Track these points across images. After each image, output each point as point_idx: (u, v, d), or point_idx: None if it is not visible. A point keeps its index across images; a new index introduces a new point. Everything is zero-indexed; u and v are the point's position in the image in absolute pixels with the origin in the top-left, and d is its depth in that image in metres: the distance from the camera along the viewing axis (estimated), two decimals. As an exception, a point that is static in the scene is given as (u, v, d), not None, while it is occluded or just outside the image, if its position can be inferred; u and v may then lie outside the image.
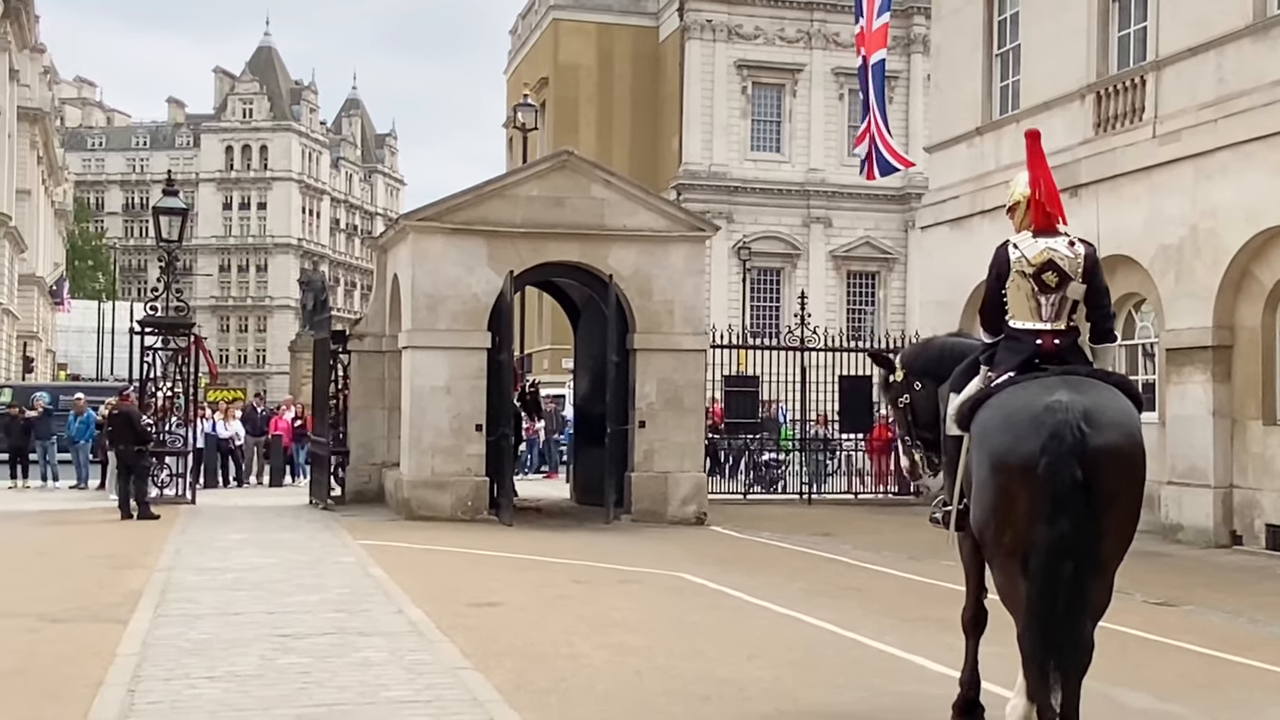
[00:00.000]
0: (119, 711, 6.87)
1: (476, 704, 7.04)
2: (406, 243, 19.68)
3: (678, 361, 19.25)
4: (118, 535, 16.48)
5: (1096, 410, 5.33)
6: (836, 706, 7.34)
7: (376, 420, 21.07)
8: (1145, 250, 17.64)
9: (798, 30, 48.36)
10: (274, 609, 10.50)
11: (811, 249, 48.08)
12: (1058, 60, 19.94)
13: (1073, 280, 5.88)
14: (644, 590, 12.22)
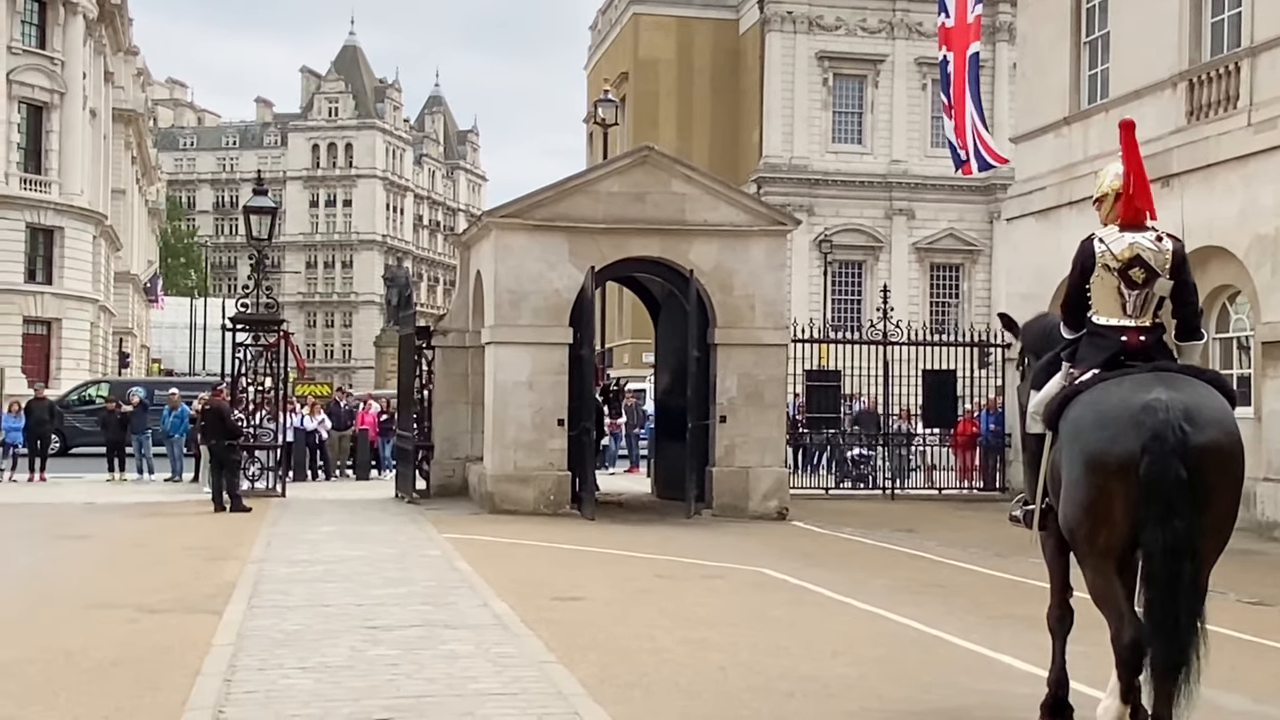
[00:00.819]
0: (216, 701, 7.00)
1: (561, 697, 7.08)
2: (489, 239, 19.82)
3: (758, 356, 19.21)
4: (211, 527, 16.76)
5: (1196, 408, 5.28)
6: (922, 704, 7.30)
7: (460, 415, 21.26)
8: (1240, 241, 17.30)
9: (880, 20, 47.94)
10: (362, 601, 10.61)
11: (894, 241, 47.64)
12: (1149, 47, 19.61)
13: (1160, 276, 5.80)
14: (726, 585, 12.21)
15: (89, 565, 13.23)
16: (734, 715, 6.92)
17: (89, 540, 15.30)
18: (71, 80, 51.81)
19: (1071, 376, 5.99)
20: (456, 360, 21.46)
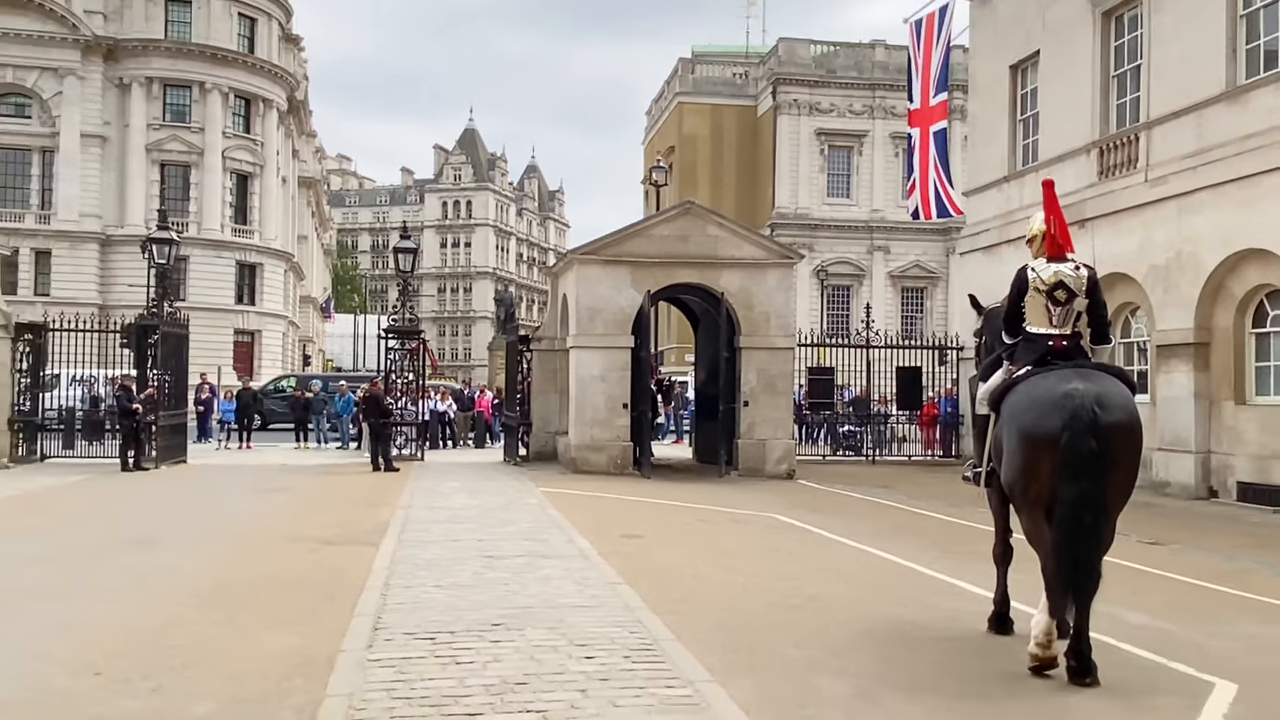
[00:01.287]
0: (376, 609, 7.17)
1: (628, 610, 7.19)
2: (572, 270, 19.93)
3: (772, 356, 19.17)
4: (370, 483, 17.00)
5: (1105, 395, 5.38)
6: (897, 616, 7.31)
7: (551, 400, 21.37)
8: (1138, 269, 17.11)
9: (863, 105, 47.85)
10: (481, 537, 10.77)
11: (874, 270, 47.58)
12: (1068, 123, 19.42)
13: (1078, 296, 5.89)
14: (748, 527, 12.24)
15: (283, 510, 13.53)
16: (755, 624, 6.97)
17: (283, 492, 15.62)
18: (268, 156, 52.68)
19: (1010, 372, 6.08)
20: (548, 360, 21.59)
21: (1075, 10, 19.21)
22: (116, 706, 5.05)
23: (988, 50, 22.74)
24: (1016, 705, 5.21)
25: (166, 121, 49.77)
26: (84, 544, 10.21)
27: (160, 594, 7.80)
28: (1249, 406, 15.60)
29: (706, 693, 5.22)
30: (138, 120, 49.05)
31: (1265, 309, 15.54)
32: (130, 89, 49.06)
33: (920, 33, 22.62)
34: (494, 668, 5.67)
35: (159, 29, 49.47)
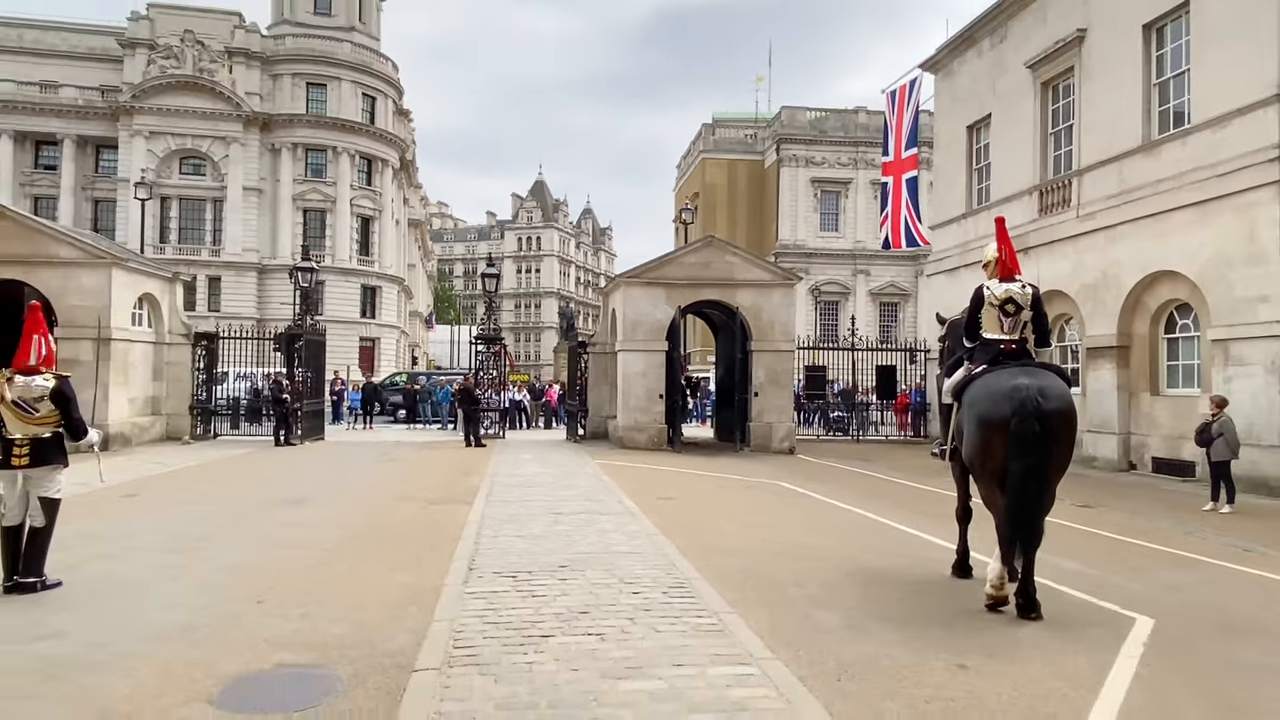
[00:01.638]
0: (470, 554, 7.24)
1: (664, 556, 7.20)
2: (619, 290, 19.91)
3: (777, 358, 19.02)
4: (463, 456, 17.15)
5: (1047, 388, 5.39)
6: (879, 562, 7.26)
7: (603, 392, 21.39)
8: (1072, 287, 16.77)
9: (849, 158, 47.38)
10: (550, 498, 10.77)
11: (857, 289, 47.04)
12: (1014, 171, 19.12)
13: (1024, 309, 5.89)
14: (759, 492, 12.16)
15: (397, 475, 13.62)
16: (766, 567, 6.97)
17: (397, 462, 15.75)
18: (385, 203, 53.24)
19: (970, 370, 6.08)
20: (600, 360, 21.60)
21: (1020, 81, 18.90)
22: (274, 627, 5.16)
23: (948, 114, 22.44)
24: (976, 634, 5.16)
25: (307, 177, 50.43)
26: (247, 502, 10.37)
27: (305, 541, 7.91)
28: (1161, 397, 15.27)
29: (728, 621, 5.24)
30: (285, 176, 49.80)
31: (1175, 319, 15.20)
32: (280, 152, 49.82)
33: (894, 100, 22.42)
34: (562, 600, 5.73)
35: (301, 106, 50.19)
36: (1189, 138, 14.26)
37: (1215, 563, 7.58)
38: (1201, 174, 13.82)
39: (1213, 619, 5.65)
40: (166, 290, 19.56)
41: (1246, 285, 13.00)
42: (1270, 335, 12.61)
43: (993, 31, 20.11)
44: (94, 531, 7.88)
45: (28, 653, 4.61)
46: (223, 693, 4.11)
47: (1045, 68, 18.05)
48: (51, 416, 5.91)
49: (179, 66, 47.92)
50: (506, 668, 4.40)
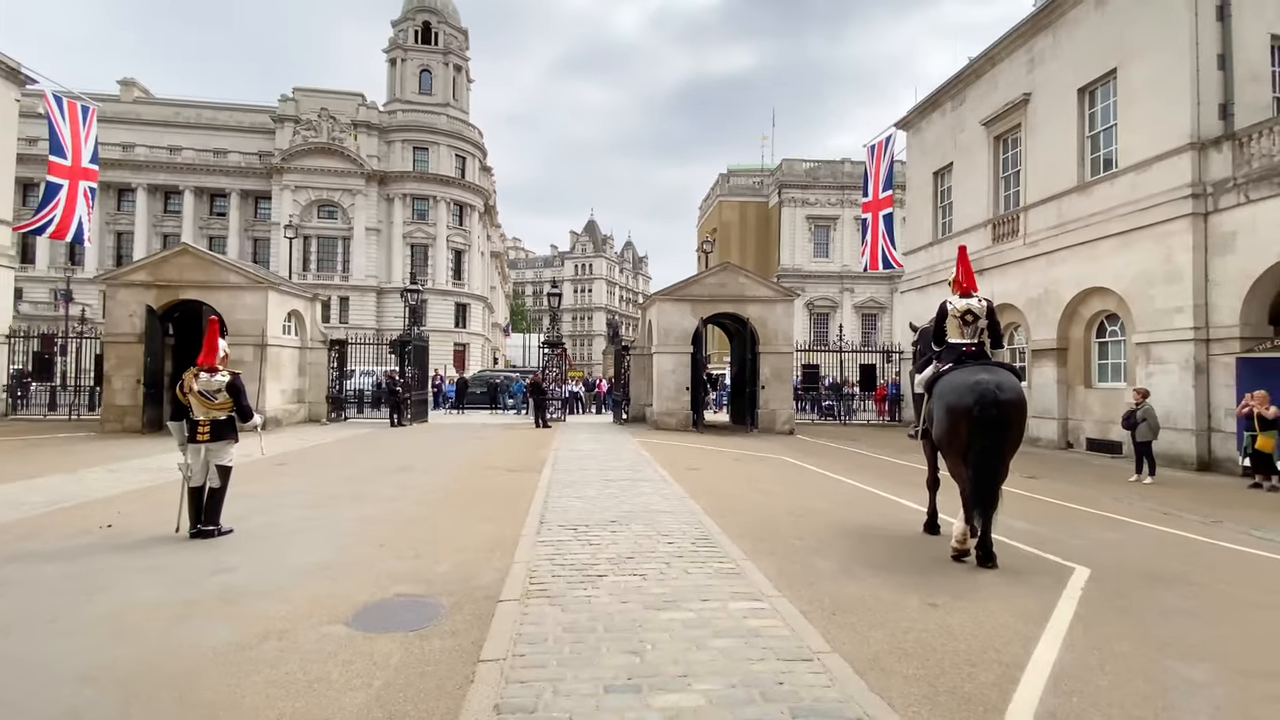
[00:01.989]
0: (540, 510, 7.22)
1: (692, 514, 7.12)
2: (654, 305, 19.77)
3: (780, 358, 18.74)
4: (534, 435, 17.19)
5: (1002, 383, 5.27)
6: (866, 521, 7.09)
7: (641, 385, 21.31)
8: (1020, 301, 16.30)
9: (837, 199, 46.64)
10: (602, 467, 10.72)
11: (843, 303, 46.20)
12: (972, 208, 18.65)
13: (981, 318, 5.81)
14: (768, 464, 11.98)
15: (483, 450, 13.67)
16: (774, 523, 6.85)
17: (483, 439, 15.85)
18: (472, 239, 53.79)
19: (938, 368, 5.97)
20: (639, 361, 21.53)
21: (976, 136, 18.44)
22: (394, 565, 5.24)
23: (918, 162, 22.00)
24: (944, 579, 5.05)
25: (414, 220, 51.15)
26: (369, 469, 10.47)
27: (415, 499, 7.96)
28: (1094, 389, 14.76)
29: (744, 566, 5.19)
30: (397, 219, 50.60)
31: (1105, 326, 14.70)
32: (393, 201, 50.65)
33: (874, 152, 21.99)
34: (613, 548, 5.72)
35: (409, 165, 50.97)
36: (1116, 179, 13.79)
37: (1141, 524, 7.32)
38: (1127, 209, 13.38)
39: (1140, 570, 5.46)
40: (308, 307, 20.00)
41: (1165, 299, 12.54)
42: (1184, 339, 12.17)
43: (954, 96, 19.67)
44: (254, 492, 8.07)
45: (211, 583, 4.76)
46: (355, 615, 4.19)
47: (997, 124, 17.59)
48: (226, 404, 6.12)
49: (317, 136, 49.02)
50: (570, 599, 4.42)
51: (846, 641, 3.83)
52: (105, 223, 47.57)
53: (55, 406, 20.82)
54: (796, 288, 34.44)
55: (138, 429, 15.72)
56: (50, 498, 7.63)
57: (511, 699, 3.13)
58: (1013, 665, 3.61)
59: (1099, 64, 14.27)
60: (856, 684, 3.33)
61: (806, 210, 46.87)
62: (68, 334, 21.13)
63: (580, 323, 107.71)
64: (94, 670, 3.37)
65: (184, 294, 16.49)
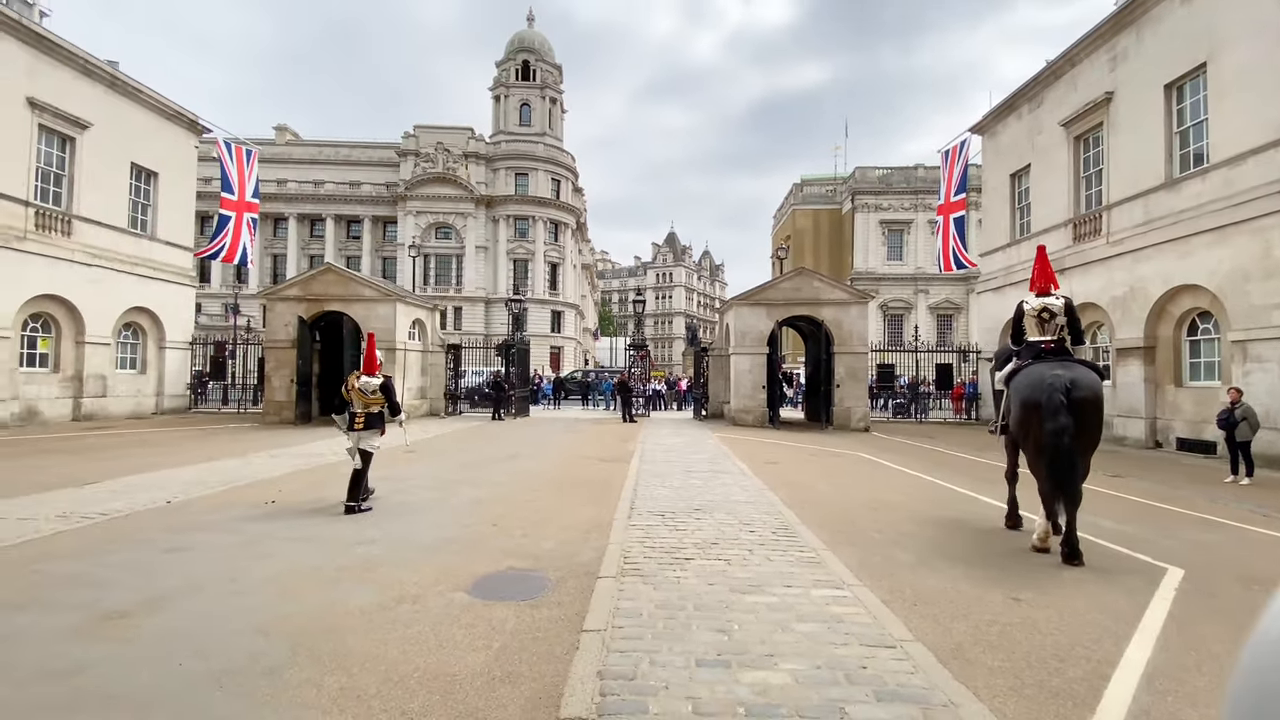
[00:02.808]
0: (630, 497, 7.26)
1: (772, 505, 6.98)
2: (732, 310, 19.53)
3: (854, 358, 18.06)
4: (622, 429, 17.33)
5: (1077, 378, 4.99)
6: (944, 516, 6.71)
7: (719, 384, 21.15)
8: (1103, 299, 14.95)
9: (910, 204, 44.46)
10: (684, 459, 10.64)
11: (918, 305, 43.93)
12: (1050, 208, 17.28)
13: (1058, 316, 5.55)
14: (843, 460, 11.58)
15: (578, 441, 13.82)
16: (852, 516, 6.62)
17: (577, 432, 16.07)
18: (566, 254, 54.98)
19: (1017, 364, 5.66)
20: (717, 361, 21.37)
21: (1055, 137, 17.08)
22: (505, 542, 5.42)
23: (993, 165, 20.59)
24: (1027, 575, 4.70)
25: (515, 237, 52.93)
26: (481, 457, 10.79)
27: (521, 484, 8.16)
28: (1184, 388, 13.32)
29: (824, 556, 5.04)
30: (502, 237, 52.57)
31: (1196, 324, 13.24)
32: (498, 221, 52.66)
33: (947, 157, 20.86)
34: (697, 534, 5.68)
35: (511, 189, 52.84)
36: (1208, 175, 12.41)
37: (1236, 525, 6.55)
38: (1220, 204, 12.00)
39: (1236, 571, 4.89)
40: (429, 316, 21.08)
41: (1263, 295, 11.16)
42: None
43: (1030, 99, 18.31)
44: (390, 476, 8.55)
45: (355, 553, 5.11)
46: (474, 584, 4.38)
47: (1077, 124, 16.23)
48: (378, 400, 6.79)
49: (434, 167, 51.73)
50: (661, 579, 4.43)
51: (929, 631, 3.65)
52: (264, 247, 52.14)
53: (227, 401, 23.01)
54: (870, 290, 33.14)
55: (291, 421, 17.11)
56: (225, 478, 8.42)
57: (613, 666, 3.19)
58: (1103, 662, 3.32)
59: (1186, 59, 12.90)
60: (940, 672, 3.17)
61: (880, 215, 44.96)
62: (236, 341, 23.37)
63: (661, 327, 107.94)
64: (266, 623, 3.69)
65: (328, 306, 17.79)
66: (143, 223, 19.32)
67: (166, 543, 5.27)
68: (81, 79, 16.99)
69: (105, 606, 3.86)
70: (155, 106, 19.35)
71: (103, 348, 17.64)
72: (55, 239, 16.32)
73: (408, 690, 2.97)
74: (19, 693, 2.86)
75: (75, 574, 4.44)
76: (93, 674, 3.04)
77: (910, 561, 5.00)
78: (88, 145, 17.12)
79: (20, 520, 5.90)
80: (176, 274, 20.31)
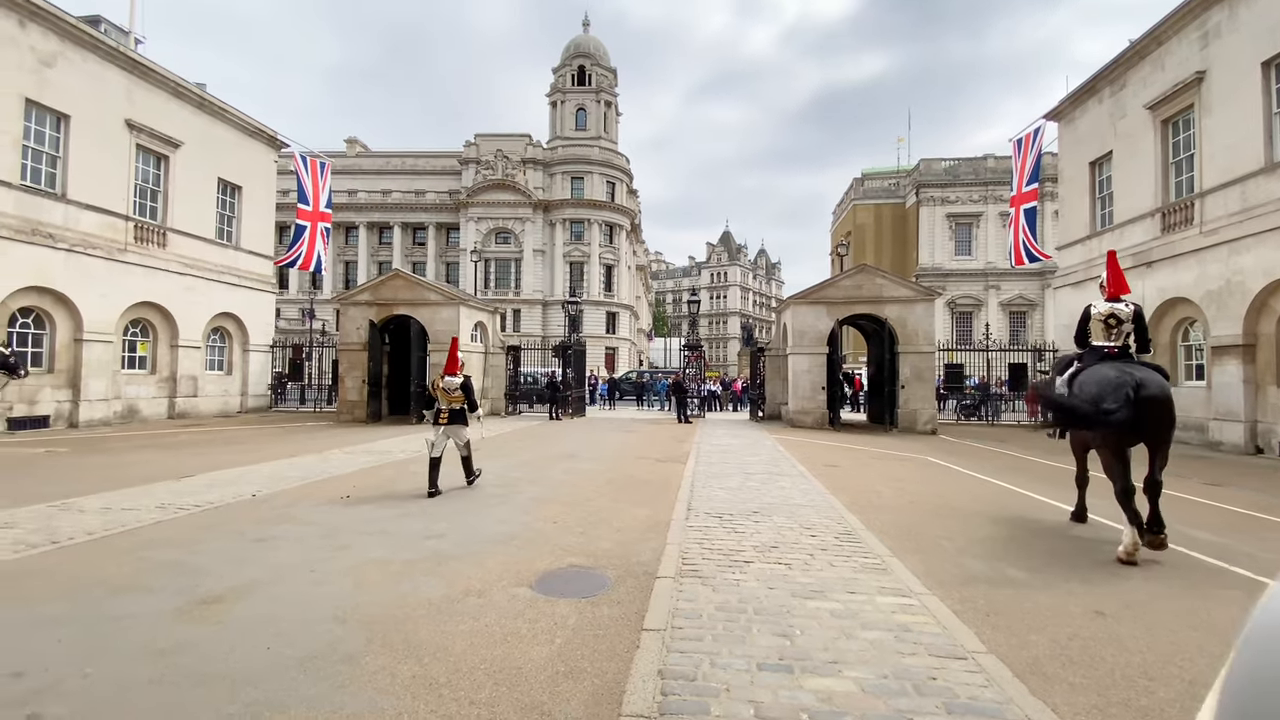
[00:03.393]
0: (687, 497, 7.25)
1: (833, 509, 6.82)
2: (789, 309, 19.20)
3: (920, 358, 17.37)
4: (677, 430, 17.29)
5: (1144, 379, 5.01)
6: (1018, 524, 6.39)
7: (776, 385, 20.82)
8: (1195, 294, 13.88)
9: (979, 195, 42.49)
10: (741, 462, 10.52)
11: (989, 301, 41.91)
12: (1135, 197, 16.17)
13: (1125, 323, 5.56)
14: (908, 464, 11.18)
15: (634, 441, 13.85)
16: (919, 522, 6.40)
17: (633, 432, 16.13)
18: (620, 255, 55.35)
19: (1078, 367, 5.72)
20: (774, 361, 21.03)
21: (1139, 121, 15.97)
22: (565, 539, 5.52)
23: (1071, 152, 19.43)
24: (1112, 588, 4.43)
25: (571, 241, 53.74)
26: (541, 456, 10.97)
27: (579, 483, 8.25)
28: (1294, 390, 12.22)
29: (890, 563, 4.89)
30: (558, 241, 53.48)
31: (1308, 319, 12.12)
32: (555, 225, 53.61)
33: (1020, 146, 19.82)
34: (756, 536, 5.62)
35: (568, 194, 53.69)
36: (1322, 155, 11.33)
37: (1361, 542, 5.93)
38: (1337, 187, 10.93)
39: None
40: (490, 319, 21.69)
41: (1391, 287, 10.09)
42: None
43: (1112, 82, 17.19)
44: (456, 474, 8.89)
45: (424, 546, 5.32)
46: (537, 580, 4.49)
47: (1164, 107, 15.12)
48: (459, 398, 7.77)
49: (493, 174, 53.18)
50: (720, 581, 4.41)
51: (1003, 643, 3.50)
52: (337, 254, 54.91)
53: (304, 401, 24.39)
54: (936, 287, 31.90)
55: (363, 419, 17.96)
56: (305, 473, 8.92)
57: (673, 666, 3.21)
58: (1198, 683, 3.10)
59: (1296, 29, 11.81)
60: (1016, 686, 3.03)
61: (946, 209, 43.20)
62: (312, 344, 24.74)
63: (716, 327, 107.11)
64: (342, 612, 3.89)
65: (396, 310, 18.58)
66: (228, 233, 20.72)
67: (254, 533, 5.65)
68: (173, 100, 18.38)
69: (201, 591, 4.18)
70: (239, 124, 20.73)
71: (194, 351, 19.03)
72: (152, 250, 17.72)
73: (475, 681, 3.08)
74: (128, 668, 3.14)
75: (174, 561, 4.82)
76: (190, 653, 3.30)
77: (982, 570, 4.79)
78: (179, 162, 18.51)
79: (125, 510, 6.44)
80: (259, 281, 21.67)
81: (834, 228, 57.27)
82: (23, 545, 5.16)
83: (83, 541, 5.31)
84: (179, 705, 2.81)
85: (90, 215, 15.93)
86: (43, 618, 3.70)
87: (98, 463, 9.69)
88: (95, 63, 16.00)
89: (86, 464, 9.56)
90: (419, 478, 8.45)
